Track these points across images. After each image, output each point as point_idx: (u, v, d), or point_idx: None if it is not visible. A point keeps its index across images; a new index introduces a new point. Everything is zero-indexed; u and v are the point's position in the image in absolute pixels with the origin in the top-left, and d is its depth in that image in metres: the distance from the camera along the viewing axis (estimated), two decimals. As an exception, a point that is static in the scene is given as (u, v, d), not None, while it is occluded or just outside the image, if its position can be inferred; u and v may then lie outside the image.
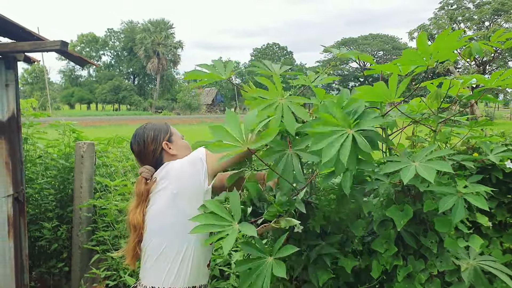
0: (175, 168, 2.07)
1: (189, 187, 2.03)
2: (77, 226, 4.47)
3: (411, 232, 2.18)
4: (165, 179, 2.06)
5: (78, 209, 4.44)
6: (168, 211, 2.03)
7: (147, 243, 2.07)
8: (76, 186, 4.51)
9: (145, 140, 2.20)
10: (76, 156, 4.52)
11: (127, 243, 2.18)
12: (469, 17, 46.58)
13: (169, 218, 2.03)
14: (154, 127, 2.25)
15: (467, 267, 2.11)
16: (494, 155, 2.21)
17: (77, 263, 4.48)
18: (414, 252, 2.21)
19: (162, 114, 64.78)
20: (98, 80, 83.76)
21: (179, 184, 2.03)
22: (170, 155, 2.19)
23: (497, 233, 2.57)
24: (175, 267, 2.01)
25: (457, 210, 1.88)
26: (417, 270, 2.15)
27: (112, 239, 3.98)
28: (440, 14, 48.74)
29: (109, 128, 26.46)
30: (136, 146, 2.22)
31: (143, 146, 2.19)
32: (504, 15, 44.46)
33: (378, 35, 79.52)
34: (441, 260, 2.15)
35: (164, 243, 2.02)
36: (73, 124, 5.07)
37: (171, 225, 2.03)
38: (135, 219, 2.08)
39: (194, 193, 2.03)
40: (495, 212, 2.58)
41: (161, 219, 2.04)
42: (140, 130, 2.25)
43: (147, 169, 2.16)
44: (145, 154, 2.20)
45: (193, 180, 2.03)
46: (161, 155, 2.19)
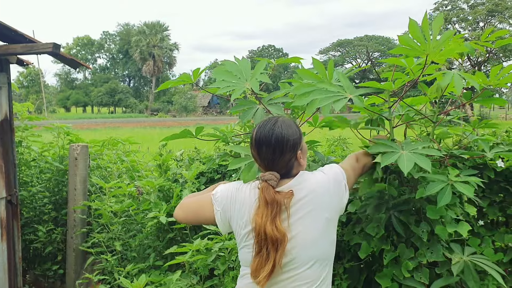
0: (323, 187, 1.88)
1: (337, 212, 1.92)
2: (72, 229, 4.46)
3: (403, 221, 2.25)
4: (315, 197, 1.85)
5: (72, 211, 4.44)
6: (322, 241, 1.85)
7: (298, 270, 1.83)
8: (70, 189, 4.50)
9: (284, 145, 1.86)
10: (70, 159, 4.52)
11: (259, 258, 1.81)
12: (463, 18, 46.79)
13: (325, 246, 1.88)
14: (291, 129, 1.89)
15: (458, 261, 2.15)
16: (491, 152, 2.26)
17: (72, 265, 4.47)
18: (406, 241, 2.27)
19: (158, 117, 64.73)
20: (94, 83, 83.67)
21: (330, 207, 1.87)
22: (300, 165, 1.93)
23: (489, 232, 2.58)
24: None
25: (444, 195, 1.95)
26: (405, 257, 2.21)
27: (107, 241, 3.97)
28: (434, 15, 48.90)
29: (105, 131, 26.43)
30: (269, 149, 1.87)
31: (280, 152, 1.86)
32: (498, 16, 44.69)
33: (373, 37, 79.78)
34: (432, 251, 2.20)
35: (323, 273, 1.87)
36: (68, 126, 5.07)
37: (327, 254, 1.89)
38: (278, 233, 1.78)
39: (337, 217, 1.94)
40: (487, 211, 2.59)
41: (314, 249, 1.84)
42: (278, 131, 1.87)
43: (275, 176, 1.86)
44: (278, 160, 1.87)
45: (339, 203, 1.92)
46: (293, 164, 1.90)
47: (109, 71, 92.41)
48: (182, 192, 3.64)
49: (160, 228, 3.74)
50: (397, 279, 2.24)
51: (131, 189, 4.00)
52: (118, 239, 3.95)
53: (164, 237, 3.71)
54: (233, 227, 1.94)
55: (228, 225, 1.96)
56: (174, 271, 3.29)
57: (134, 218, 3.96)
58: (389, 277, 2.26)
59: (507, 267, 2.58)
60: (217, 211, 1.95)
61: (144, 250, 3.83)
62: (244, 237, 1.88)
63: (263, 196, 1.81)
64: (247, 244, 1.87)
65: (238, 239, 1.92)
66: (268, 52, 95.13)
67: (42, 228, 4.54)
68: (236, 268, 2.99)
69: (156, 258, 3.68)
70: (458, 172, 2.02)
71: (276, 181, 1.85)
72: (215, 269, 3.14)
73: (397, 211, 2.28)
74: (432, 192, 1.96)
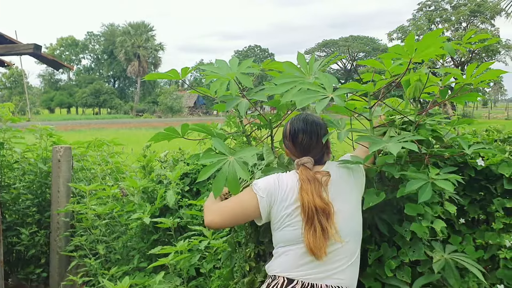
0: (348, 173, 2.10)
1: (361, 194, 2.14)
2: (55, 231, 4.43)
3: (386, 220, 2.28)
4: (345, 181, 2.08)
5: (56, 214, 4.40)
6: (356, 217, 2.07)
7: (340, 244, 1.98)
8: (53, 191, 4.46)
9: (319, 132, 2.11)
10: (53, 160, 4.48)
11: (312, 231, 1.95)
12: (446, 18, 47.29)
13: (358, 224, 2.07)
14: (321, 120, 2.18)
15: (439, 259, 2.18)
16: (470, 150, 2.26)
17: (56, 268, 4.43)
18: (388, 240, 2.29)
19: (143, 117, 64.36)
20: (78, 84, 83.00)
21: (356, 189, 2.10)
22: (329, 152, 2.19)
23: (470, 230, 2.61)
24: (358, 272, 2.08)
25: (424, 192, 2.00)
26: (388, 256, 2.23)
27: (89, 243, 3.94)
28: (418, 16, 49.41)
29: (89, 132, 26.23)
30: (306, 136, 2.09)
31: (316, 138, 2.09)
32: (480, 16, 45.26)
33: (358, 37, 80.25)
34: (414, 249, 2.22)
35: (357, 250, 2.05)
36: (51, 128, 5.02)
37: (359, 232, 2.08)
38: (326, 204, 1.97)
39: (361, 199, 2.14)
40: (467, 209, 2.62)
41: (352, 224, 2.04)
42: (313, 119, 2.14)
43: (311, 160, 2.08)
44: (314, 146, 2.10)
45: (362, 186, 2.14)
46: (324, 150, 2.15)
47: (93, 72, 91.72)
48: (166, 193, 3.63)
49: (144, 229, 3.72)
50: (380, 279, 2.27)
51: (115, 190, 3.98)
52: (101, 242, 3.93)
53: (149, 238, 3.70)
54: (274, 212, 2.04)
55: (269, 212, 2.05)
56: (159, 272, 3.28)
57: (118, 220, 3.94)
58: (373, 276, 2.28)
59: (488, 264, 2.62)
60: (261, 198, 2.05)
61: (128, 252, 3.81)
62: (289, 216, 2.00)
63: (304, 176, 2.01)
64: (291, 222, 1.99)
65: (280, 220, 2.02)
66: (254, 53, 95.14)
67: (25, 231, 4.49)
68: (222, 266, 2.98)
69: (140, 259, 3.66)
70: (439, 171, 2.06)
71: (312, 164, 2.07)
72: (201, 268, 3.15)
73: (379, 211, 2.30)
74: (413, 189, 2.01)
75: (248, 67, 2.30)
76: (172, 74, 2.33)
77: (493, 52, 44.20)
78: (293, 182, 2.04)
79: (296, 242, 1.98)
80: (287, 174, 2.10)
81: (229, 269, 2.65)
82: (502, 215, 2.60)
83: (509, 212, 2.62)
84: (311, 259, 1.95)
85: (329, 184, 2.03)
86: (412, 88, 2.26)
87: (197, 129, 2.45)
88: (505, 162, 2.57)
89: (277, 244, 2.06)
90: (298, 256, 1.97)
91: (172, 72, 2.33)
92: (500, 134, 2.95)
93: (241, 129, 2.55)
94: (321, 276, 1.96)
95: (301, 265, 1.97)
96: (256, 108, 2.43)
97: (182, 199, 3.70)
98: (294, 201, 1.99)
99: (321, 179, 2.02)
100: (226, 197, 2.25)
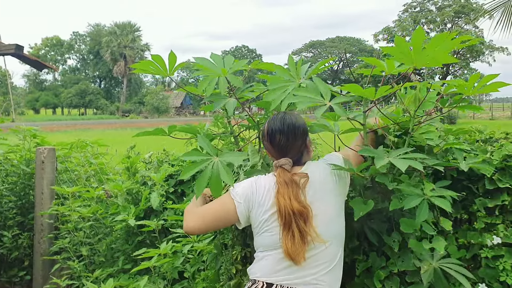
0: (330, 174, 2.05)
1: (344, 196, 2.10)
2: (39, 234, 4.38)
3: (375, 230, 2.23)
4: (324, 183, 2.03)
5: (39, 216, 4.35)
6: (337, 220, 2.02)
7: (320, 248, 1.94)
8: (37, 192, 4.42)
9: (296, 132, 2.04)
10: (36, 162, 4.43)
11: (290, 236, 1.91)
12: (431, 19, 47.77)
13: (339, 226, 2.03)
14: (300, 120, 2.10)
15: (428, 268, 2.14)
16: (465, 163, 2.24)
17: (39, 271, 4.38)
18: (377, 250, 2.25)
19: (130, 118, 63.98)
20: (64, 84, 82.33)
21: (338, 191, 2.05)
22: (308, 152, 2.12)
23: (452, 230, 2.63)
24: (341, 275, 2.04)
25: (422, 210, 1.94)
26: (377, 267, 2.19)
27: (73, 246, 3.90)
28: (404, 17, 49.81)
29: (75, 133, 25.97)
30: (283, 136, 2.04)
31: (293, 138, 2.03)
32: (465, 18, 45.78)
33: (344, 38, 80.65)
34: (403, 259, 2.19)
35: (338, 253, 2.00)
36: (35, 129, 4.97)
37: (341, 235, 2.03)
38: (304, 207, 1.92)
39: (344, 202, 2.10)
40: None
41: (333, 227, 1.99)
42: (290, 120, 2.06)
43: (288, 161, 2.02)
44: (291, 147, 2.05)
45: (344, 189, 2.10)
46: (303, 151, 2.09)
47: (79, 72, 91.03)
48: (150, 195, 3.61)
49: (129, 231, 3.70)
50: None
51: (99, 192, 3.95)
52: (86, 244, 3.89)
53: (133, 240, 3.68)
54: (252, 217, 2.02)
55: (247, 217, 2.03)
56: (144, 274, 3.26)
57: (103, 222, 3.91)
58: (361, 286, 2.26)
59: (470, 264, 2.65)
60: (239, 204, 2.02)
61: (112, 254, 3.78)
62: (266, 221, 1.97)
63: (281, 179, 1.97)
64: (269, 228, 1.96)
65: (258, 225, 2.00)
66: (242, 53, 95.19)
67: (7, 233, 4.44)
68: (207, 268, 2.98)
69: (125, 261, 3.64)
70: (433, 186, 2.01)
71: (290, 166, 2.01)
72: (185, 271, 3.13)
73: (368, 219, 2.26)
74: (411, 206, 1.95)
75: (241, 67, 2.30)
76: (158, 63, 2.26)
77: (477, 53, 44.74)
78: (270, 185, 2.00)
79: (274, 247, 1.95)
80: (265, 177, 2.07)
81: (215, 271, 2.64)
82: (483, 215, 2.63)
83: (491, 211, 2.65)
84: (289, 264, 1.92)
85: (307, 186, 1.99)
86: (412, 98, 2.20)
87: (184, 129, 2.44)
88: (486, 162, 2.60)
89: (257, 248, 2.04)
90: (277, 261, 1.94)
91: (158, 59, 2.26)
92: (482, 135, 2.98)
93: (229, 130, 2.54)
94: (300, 281, 1.93)
95: (279, 270, 1.94)
96: (244, 108, 2.42)
97: (166, 201, 3.68)
98: (271, 206, 1.96)
99: (299, 181, 1.98)
100: (211, 199, 2.25)
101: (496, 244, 2.57)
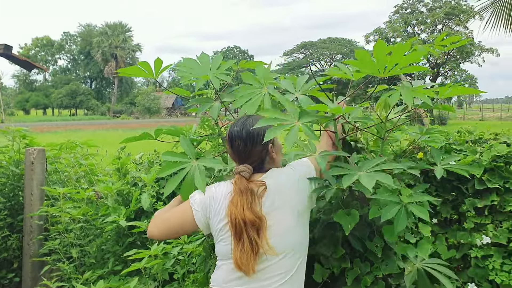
0: (292, 182, 1.96)
1: (307, 206, 1.99)
2: (28, 235, 4.34)
3: (358, 236, 2.18)
4: (284, 193, 1.93)
5: (29, 217, 4.31)
6: (297, 230, 1.93)
7: (273, 260, 1.87)
8: (26, 194, 4.38)
9: (254, 138, 1.96)
10: (26, 163, 4.39)
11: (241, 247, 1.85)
12: (422, 21, 48.06)
13: (299, 237, 1.94)
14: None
15: (411, 270, 2.13)
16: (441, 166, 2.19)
17: (28, 273, 4.35)
18: (360, 255, 2.22)
19: (121, 118, 63.72)
20: (54, 85, 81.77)
21: (299, 201, 1.95)
22: (271, 158, 2.01)
23: (442, 230, 2.65)
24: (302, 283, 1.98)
25: (400, 220, 1.89)
26: (363, 273, 2.17)
27: (63, 247, 3.88)
28: (395, 18, 50.05)
29: (65, 134, 25.80)
30: (241, 142, 1.97)
31: (251, 144, 1.95)
32: (455, 19, 46.10)
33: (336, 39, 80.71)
34: (387, 263, 2.17)
35: (296, 264, 1.91)
36: (25, 130, 4.93)
37: (300, 245, 1.94)
38: (257, 217, 1.84)
39: (309, 211, 2.02)
40: (440, 209, 2.66)
41: (291, 238, 1.90)
42: (251, 125, 1.97)
43: (248, 168, 1.95)
44: (249, 153, 1.97)
45: (310, 196, 2.00)
46: (264, 158, 1.99)
47: (70, 73, 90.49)
48: (141, 196, 3.59)
49: (119, 232, 3.68)
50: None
51: (90, 193, 3.92)
52: (76, 246, 3.87)
53: (124, 241, 3.66)
54: (211, 225, 1.97)
55: (207, 224, 1.99)
56: (135, 275, 3.25)
57: (93, 223, 3.88)
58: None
59: (460, 264, 2.67)
60: (196, 212, 1.99)
61: (103, 255, 3.76)
62: (221, 230, 1.92)
63: (237, 187, 1.90)
64: (223, 237, 1.91)
65: (215, 234, 1.96)
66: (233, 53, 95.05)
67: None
68: (197, 271, 2.97)
69: (115, 263, 3.62)
70: (410, 192, 1.97)
71: (248, 173, 1.94)
72: (175, 273, 3.12)
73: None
74: (389, 217, 1.90)
75: (226, 69, 2.28)
76: (145, 68, 2.24)
77: (467, 54, 45.05)
78: (227, 193, 1.95)
79: (228, 257, 1.91)
80: (225, 184, 2.01)
81: (204, 274, 2.63)
82: (473, 215, 2.65)
83: (480, 212, 2.67)
84: (240, 275, 1.87)
85: (265, 196, 1.91)
86: (382, 105, 2.16)
87: (169, 132, 2.43)
88: (476, 163, 2.62)
89: (217, 256, 2.02)
90: (229, 271, 1.90)
91: (144, 65, 2.24)
92: (471, 135, 3.00)
93: (216, 131, 2.53)
94: None
95: (231, 280, 1.90)
96: (229, 111, 2.41)
97: (157, 201, 3.67)
98: (225, 215, 1.91)
99: (256, 189, 1.91)
100: None
101: (486, 244, 2.59)
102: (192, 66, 2.26)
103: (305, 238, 1.98)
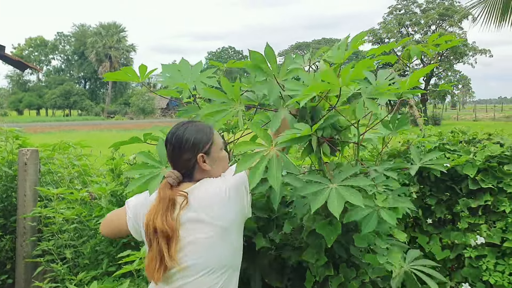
0: (219, 195, 1.86)
1: (238, 218, 1.90)
2: (21, 236, 4.32)
3: (341, 242, 2.14)
4: (209, 206, 1.84)
5: (22, 218, 4.29)
6: (218, 249, 1.83)
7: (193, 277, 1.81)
8: (19, 195, 4.35)
9: (182, 145, 1.88)
10: (19, 164, 4.37)
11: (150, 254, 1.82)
12: (416, 22, 48.21)
13: (225, 252, 1.84)
14: (197, 132, 1.91)
15: (399, 272, 2.09)
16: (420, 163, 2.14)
17: (22, 274, 4.32)
18: (346, 261, 2.19)
19: (115, 119, 63.52)
20: (48, 85, 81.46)
21: (226, 216, 1.85)
22: (201, 169, 1.91)
23: (436, 230, 2.66)
24: None
25: (368, 222, 1.85)
26: (349, 278, 2.13)
27: (57, 248, 3.86)
28: (388, 19, 50.18)
29: (59, 134, 25.69)
30: (170, 147, 1.91)
31: (178, 151, 1.89)
32: (449, 20, 46.31)
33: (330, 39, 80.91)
34: (373, 267, 2.14)
35: (219, 282, 1.83)
36: (19, 130, 4.90)
37: (226, 261, 1.85)
38: (168, 227, 1.76)
39: (241, 223, 1.94)
40: (434, 209, 2.67)
41: (214, 254, 1.81)
42: (180, 131, 1.91)
43: (175, 175, 1.88)
44: (177, 160, 1.91)
45: (240, 209, 1.90)
46: (193, 167, 1.90)
47: (64, 73, 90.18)
48: (135, 196, 3.57)
49: (113, 233, 3.66)
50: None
51: (83, 194, 3.91)
52: (69, 247, 3.85)
53: (118, 242, 3.64)
54: (142, 232, 1.93)
55: (140, 233, 1.96)
56: (129, 276, 3.24)
57: (87, 225, 3.87)
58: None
59: (454, 264, 2.67)
60: (129, 219, 1.97)
61: (97, 256, 3.74)
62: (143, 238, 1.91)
63: (159, 195, 1.84)
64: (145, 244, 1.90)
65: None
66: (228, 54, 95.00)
67: (-12, 236, 4.37)
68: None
69: (109, 264, 3.60)
70: (386, 197, 1.92)
71: (175, 179, 1.87)
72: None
73: None
74: (355, 218, 1.88)
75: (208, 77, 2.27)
76: (130, 74, 2.23)
77: (461, 55, 45.26)
78: (152, 200, 1.90)
79: None
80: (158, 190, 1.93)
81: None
82: (467, 215, 2.66)
83: (474, 212, 2.68)
84: (153, 285, 1.86)
85: (187, 208, 1.83)
86: (351, 110, 2.06)
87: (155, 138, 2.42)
88: (469, 163, 2.63)
89: None
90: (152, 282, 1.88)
91: (128, 70, 2.23)
92: (465, 136, 3.01)
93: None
94: None
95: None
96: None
97: (151, 202, 3.65)
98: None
99: (174, 197, 1.84)
100: None
101: (480, 244, 2.60)
102: (172, 74, 2.25)
103: (233, 253, 1.90)
